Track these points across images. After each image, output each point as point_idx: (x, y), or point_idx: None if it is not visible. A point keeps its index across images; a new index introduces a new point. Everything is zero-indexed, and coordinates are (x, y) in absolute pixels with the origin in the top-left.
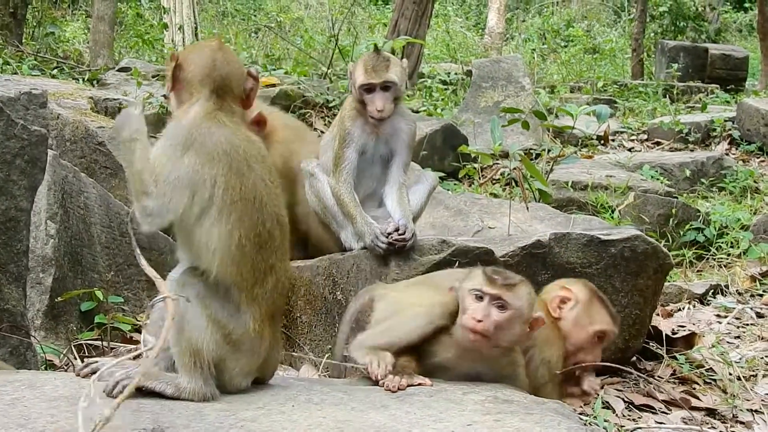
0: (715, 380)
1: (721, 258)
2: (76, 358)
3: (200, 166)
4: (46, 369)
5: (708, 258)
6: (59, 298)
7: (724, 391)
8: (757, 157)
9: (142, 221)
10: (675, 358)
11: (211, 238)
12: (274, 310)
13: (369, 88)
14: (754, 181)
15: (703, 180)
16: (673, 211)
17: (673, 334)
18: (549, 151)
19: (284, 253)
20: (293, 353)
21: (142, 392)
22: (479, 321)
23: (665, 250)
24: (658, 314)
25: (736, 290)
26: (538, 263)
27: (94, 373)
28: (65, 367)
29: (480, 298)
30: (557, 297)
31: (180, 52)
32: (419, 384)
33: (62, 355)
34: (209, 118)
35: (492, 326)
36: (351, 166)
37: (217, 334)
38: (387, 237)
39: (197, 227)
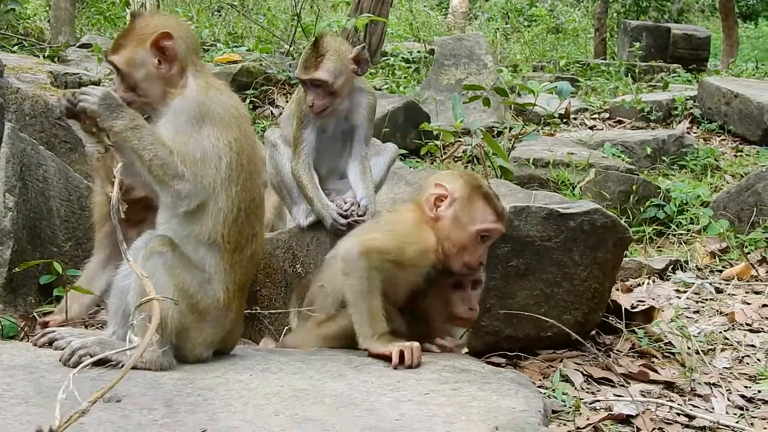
0: (673, 354)
1: (681, 234)
2: (32, 328)
3: (219, 134)
4: (2, 339)
5: (668, 234)
6: (17, 269)
7: (683, 365)
8: (718, 136)
9: (178, 205)
10: (634, 332)
11: (217, 202)
12: (246, 280)
13: (302, 83)
14: (715, 159)
15: (664, 158)
16: (634, 187)
17: (633, 308)
18: (511, 128)
19: (262, 223)
20: (252, 326)
21: (100, 362)
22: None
23: (624, 224)
24: (617, 289)
25: (696, 266)
26: (499, 238)
27: (50, 343)
28: (24, 336)
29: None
30: (432, 195)
31: (161, 23)
32: None
33: (20, 329)
34: (210, 86)
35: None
36: (309, 146)
37: (183, 303)
38: (345, 212)
39: (205, 174)
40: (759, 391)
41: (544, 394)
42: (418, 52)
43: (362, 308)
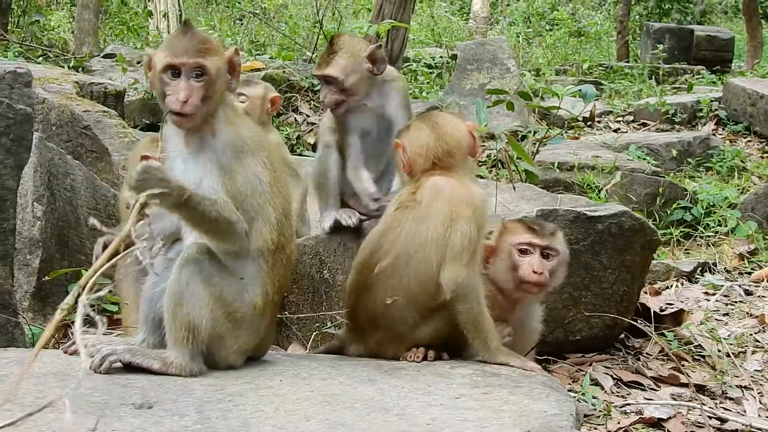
0: (703, 357)
1: (709, 236)
2: (63, 335)
3: (256, 159)
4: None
5: (695, 236)
6: (46, 278)
7: (713, 368)
8: (744, 137)
9: (240, 246)
10: (663, 335)
11: (263, 217)
12: (285, 282)
13: (317, 78)
14: (741, 161)
15: (689, 160)
16: (660, 190)
17: (661, 311)
18: (535, 132)
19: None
20: (280, 332)
21: (130, 368)
22: (540, 273)
23: (652, 226)
24: (645, 292)
25: (724, 268)
26: None
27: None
28: (55, 344)
29: (526, 251)
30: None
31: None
32: None
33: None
34: (234, 113)
35: (549, 275)
36: (356, 150)
37: (218, 312)
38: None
39: (254, 203)
40: None
41: (575, 397)
42: (441, 57)
43: (485, 327)
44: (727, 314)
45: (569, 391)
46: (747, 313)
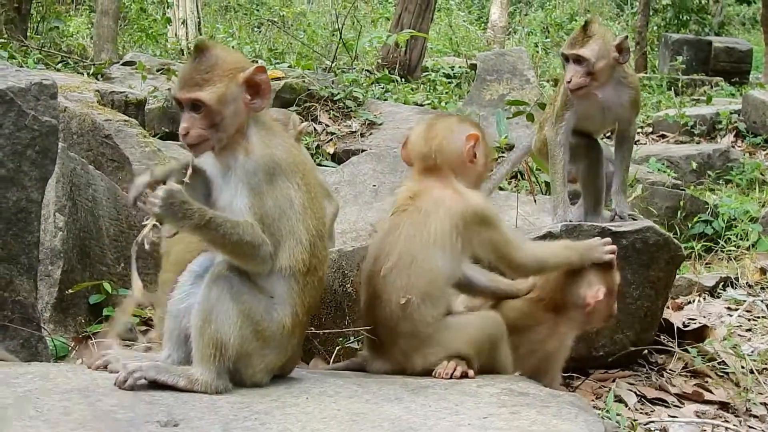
0: (727, 373)
1: (731, 250)
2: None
3: (289, 182)
4: (56, 361)
5: (717, 250)
6: (68, 291)
7: (737, 385)
8: (764, 150)
9: (264, 268)
10: (687, 351)
11: (294, 238)
12: (315, 303)
13: (564, 58)
14: (761, 174)
15: (709, 172)
16: (681, 203)
17: (684, 327)
18: None
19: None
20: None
21: (155, 385)
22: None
23: (677, 241)
24: (668, 307)
25: (746, 283)
26: None
27: (105, 365)
28: (78, 359)
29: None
30: None
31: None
32: None
33: (71, 348)
34: (267, 130)
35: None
36: (568, 126)
37: (247, 330)
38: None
39: (282, 226)
40: None
41: (599, 414)
42: (460, 67)
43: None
44: (750, 330)
45: (593, 407)
46: None
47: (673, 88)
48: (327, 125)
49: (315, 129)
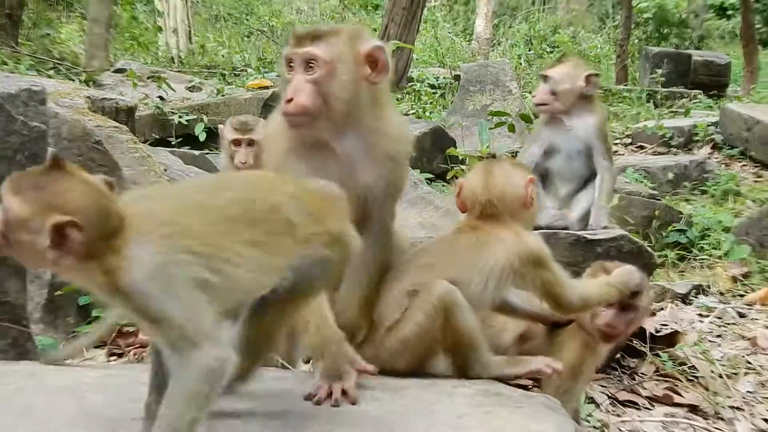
0: (697, 378)
1: (703, 259)
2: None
3: None
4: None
5: (690, 259)
6: (58, 292)
7: (706, 389)
8: (739, 162)
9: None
10: (658, 355)
11: None
12: None
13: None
14: (736, 185)
15: (685, 183)
16: (657, 212)
17: (657, 332)
18: None
19: None
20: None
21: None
22: (612, 326)
23: (650, 249)
24: None
25: (718, 290)
26: None
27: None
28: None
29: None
30: None
31: None
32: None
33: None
34: None
35: (624, 327)
36: (531, 160)
37: None
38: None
39: None
40: None
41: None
42: (444, 77)
43: None
44: (720, 336)
45: None
46: (740, 335)
47: (652, 101)
48: None
49: None
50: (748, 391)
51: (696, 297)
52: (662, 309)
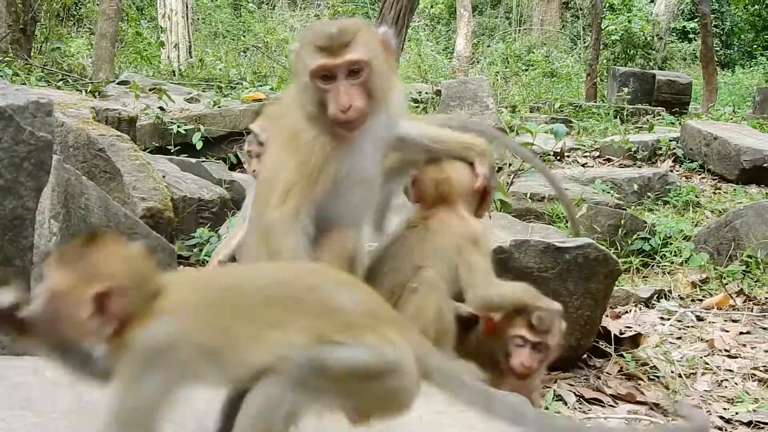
0: (658, 377)
1: (665, 265)
2: None
3: None
4: None
5: (653, 265)
6: None
7: (667, 387)
8: (699, 174)
9: None
10: (622, 356)
11: None
12: None
13: None
14: (696, 196)
15: (649, 194)
16: (622, 222)
17: (621, 334)
18: (510, 165)
19: None
20: None
21: None
22: (528, 366)
23: (615, 257)
24: (607, 316)
25: (678, 295)
26: (500, 267)
27: None
28: None
29: (521, 345)
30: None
31: None
32: None
33: None
34: None
35: (537, 366)
36: None
37: None
38: None
39: None
40: (736, 413)
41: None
42: (426, 92)
43: None
44: (680, 338)
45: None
46: (698, 337)
47: (619, 117)
48: None
49: None
50: (705, 390)
51: (658, 301)
52: (627, 312)
